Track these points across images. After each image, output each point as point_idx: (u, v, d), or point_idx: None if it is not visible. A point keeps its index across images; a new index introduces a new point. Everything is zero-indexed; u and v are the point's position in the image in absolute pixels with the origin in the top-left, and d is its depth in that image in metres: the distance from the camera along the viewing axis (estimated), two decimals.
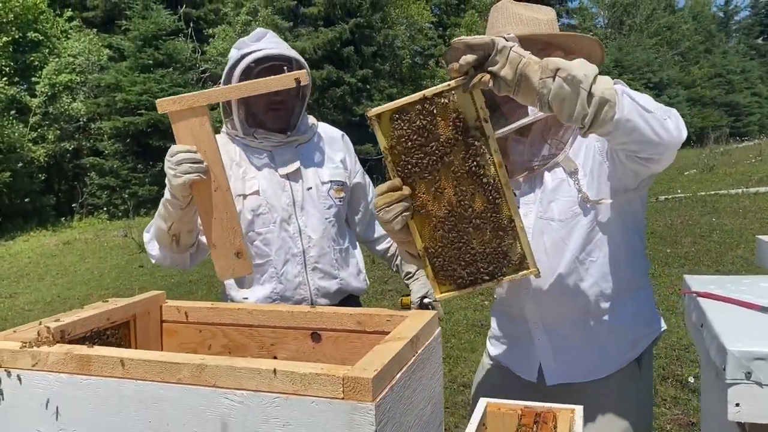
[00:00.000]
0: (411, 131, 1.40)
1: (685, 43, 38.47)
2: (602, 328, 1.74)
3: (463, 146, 1.40)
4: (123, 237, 12.73)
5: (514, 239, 1.45)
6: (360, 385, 1.11)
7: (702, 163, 15.53)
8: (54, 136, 17.96)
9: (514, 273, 1.47)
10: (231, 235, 1.70)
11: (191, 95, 1.67)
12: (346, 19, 18.96)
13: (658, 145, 1.36)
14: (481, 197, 1.43)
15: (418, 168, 1.42)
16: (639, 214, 1.77)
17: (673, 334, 4.80)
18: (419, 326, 1.41)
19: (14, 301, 8.16)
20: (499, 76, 1.29)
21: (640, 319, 1.78)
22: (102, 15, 21.95)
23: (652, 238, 8.25)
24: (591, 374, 1.76)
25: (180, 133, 1.69)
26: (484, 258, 1.47)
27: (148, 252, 2.01)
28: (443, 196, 1.44)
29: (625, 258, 1.72)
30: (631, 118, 1.29)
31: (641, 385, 1.80)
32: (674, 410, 3.61)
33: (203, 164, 1.68)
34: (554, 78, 1.25)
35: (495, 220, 1.44)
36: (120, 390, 1.26)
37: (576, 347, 1.76)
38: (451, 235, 1.46)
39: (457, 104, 1.37)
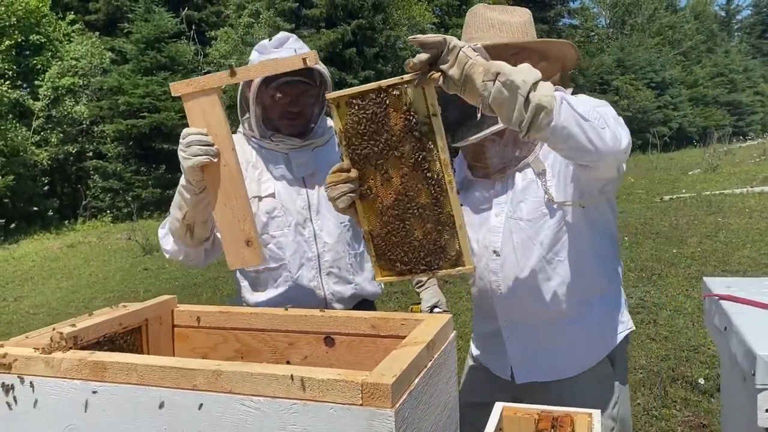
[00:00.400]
0: (364, 117, 1.45)
1: (687, 43, 38.43)
2: (571, 328, 1.78)
3: (412, 139, 1.44)
4: (127, 240, 12.72)
5: (452, 235, 1.49)
6: (379, 392, 1.10)
7: (706, 162, 15.52)
8: (57, 139, 17.96)
9: (450, 268, 1.52)
10: (241, 222, 1.68)
11: (203, 77, 1.67)
12: (347, 20, 18.94)
13: (592, 153, 1.40)
14: (425, 191, 1.47)
15: (368, 154, 1.47)
16: (608, 217, 1.81)
17: (681, 335, 4.78)
18: (435, 330, 1.40)
19: (19, 304, 8.16)
20: (447, 75, 1.33)
21: (608, 319, 1.82)
22: (104, 18, 21.96)
23: (658, 238, 8.23)
24: (561, 373, 1.79)
25: (192, 116, 1.68)
26: (423, 249, 1.51)
27: (162, 247, 1.99)
28: (391, 184, 1.48)
29: (594, 260, 1.77)
30: (567, 125, 1.33)
31: (615, 384, 1.82)
32: (685, 412, 3.59)
33: (213, 147, 1.66)
34: (494, 82, 1.28)
35: (436, 215, 1.48)
36: (135, 396, 1.25)
37: (545, 346, 1.79)
38: (395, 222, 1.51)
39: (410, 98, 1.41)
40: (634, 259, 7.25)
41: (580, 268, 1.75)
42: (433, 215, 1.48)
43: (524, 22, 1.77)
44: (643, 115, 30.35)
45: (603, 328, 1.80)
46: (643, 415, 3.61)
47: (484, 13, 1.76)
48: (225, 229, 1.70)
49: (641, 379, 4.10)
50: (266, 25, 18.58)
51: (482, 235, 1.82)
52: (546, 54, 1.73)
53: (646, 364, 4.34)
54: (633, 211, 10.48)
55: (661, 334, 4.87)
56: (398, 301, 5.95)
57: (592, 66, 30.54)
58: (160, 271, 9.30)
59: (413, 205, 1.48)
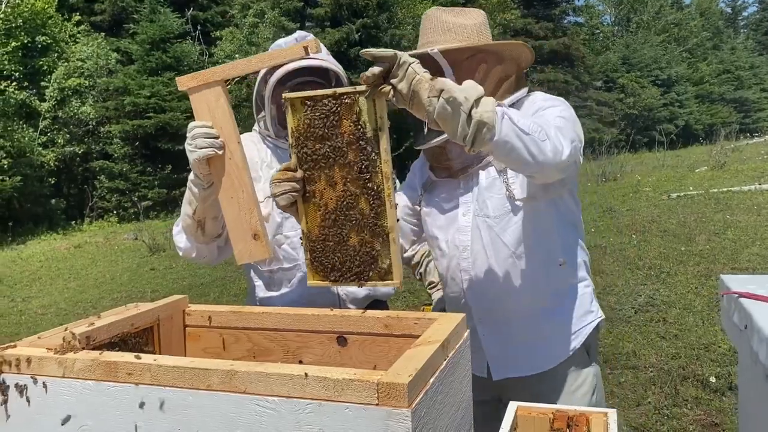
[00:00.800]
0: (315, 120, 1.48)
1: (693, 40, 38.31)
2: (544, 320, 1.81)
3: (357, 148, 1.47)
4: (133, 240, 12.76)
5: (385, 248, 1.51)
6: (395, 391, 1.09)
7: (713, 160, 15.44)
8: (63, 140, 18.03)
9: (378, 280, 1.54)
10: (248, 215, 1.67)
11: (207, 71, 1.67)
12: (352, 19, 18.94)
13: (532, 165, 1.45)
14: (365, 201, 1.50)
15: (315, 156, 1.50)
16: (572, 207, 1.84)
17: (691, 333, 4.76)
18: (449, 329, 1.39)
19: (27, 305, 8.19)
20: (396, 90, 1.38)
21: (580, 309, 1.84)
22: (109, 19, 22.01)
23: (666, 236, 8.19)
24: (538, 366, 1.82)
25: (197, 109, 1.68)
26: (357, 258, 1.53)
27: (176, 245, 1.98)
28: (333, 190, 1.51)
29: (562, 251, 1.80)
30: (509, 139, 1.38)
31: (592, 371, 1.87)
32: (696, 410, 3.56)
33: (218, 139, 1.66)
34: (439, 98, 1.34)
35: (373, 226, 1.50)
36: (148, 397, 1.24)
37: (521, 341, 1.82)
38: (333, 227, 1.53)
39: (361, 108, 1.45)
40: (642, 257, 7.22)
41: (550, 260, 1.78)
42: (369, 226, 1.50)
43: (479, 24, 1.80)
44: (649, 113, 30.27)
45: (575, 319, 1.83)
46: (654, 414, 3.59)
47: (439, 17, 1.79)
48: (231, 223, 1.69)
49: (651, 378, 4.07)
50: (271, 25, 18.60)
51: (451, 234, 1.84)
52: (501, 55, 1.76)
53: (656, 362, 4.32)
54: (640, 208, 10.44)
55: (671, 332, 4.85)
56: (405, 300, 5.94)
57: (597, 64, 30.46)
58: (167, 271, 9.32)
59: (352, 213, 1.51)
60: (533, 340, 1.82)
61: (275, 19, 18.88)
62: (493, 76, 1.74)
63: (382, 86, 1.38)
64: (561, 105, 1.73)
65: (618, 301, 5.72)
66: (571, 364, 1.83)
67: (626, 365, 4.31)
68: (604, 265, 7.07)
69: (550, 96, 1.80)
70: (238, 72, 1.68)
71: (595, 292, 1.93)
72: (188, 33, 19.94)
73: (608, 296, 5.90)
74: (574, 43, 28.14)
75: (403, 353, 1.31)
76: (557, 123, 1.59)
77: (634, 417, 3.58)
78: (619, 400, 3.80)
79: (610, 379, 4.11)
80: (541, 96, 1.80)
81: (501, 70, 1.75)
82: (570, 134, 1.58)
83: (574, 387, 1.83)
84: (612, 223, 9.43)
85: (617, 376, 4.15)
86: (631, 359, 4.41)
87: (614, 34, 39.28)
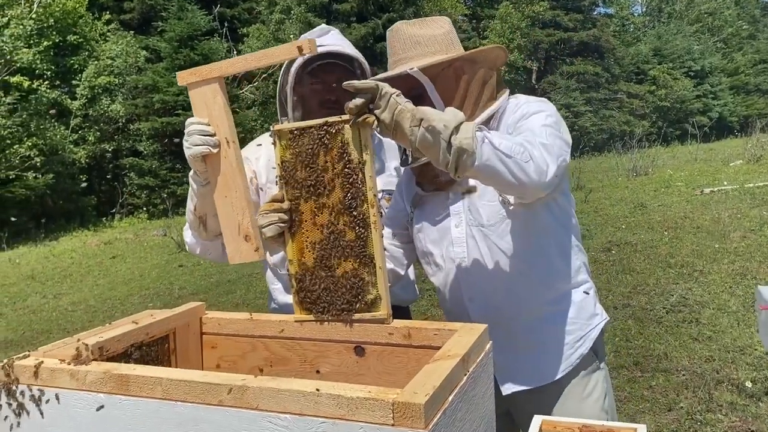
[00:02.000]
0: (302, 151, 1.50)
1: (728, 29, 37.42)
2: (547, 328, 1.77)
3: (343, 177, 1.48)
4: (162, 236, 12.92)
5: (372, 277, 1.49)
6: (411, 411, 1.04)
7: (748, 153, 15.04)
8: (94, 137, 18.33)
9: (365, 312, 1.51)
10: (239, 216, 1.64)
11: (206, 66, 1.65)
12: (378, 14, 18.91)
13: (516, 187, 1.47)
14: (351, 229, 1.49)
15: (302, 186, 1.51)
16: (565, 208, 1.81)
17: (725, 335, 4.62)
18: (470, 342, 1.33)
19: (58, 301, 8.33)
20: (380, 120, 1.40)
21: (584, 313, 1.80)
22: (138, 17, 22.28)
23: (699, 233, 7.99)
24: (545, 378, 1.78)
25: (196, 105, 1.66)
26: (343, 288, 1.51)
27: (184, 240, 1.97)
28: (320, 220, 1.51)
29: (560, 255, 1.78)
30: (491, 164, 1.41)
31: (602, 374, 1.84)
32: (731, 416, 3.45)
33: (214, 137, 1.63)
34: (419, 127, 1.36)
35: (360, 255, 1.49)
36: (159, 411, 1.21)
37: (524, 351, 1.78)
38: (320, 257, 1.52)
39: (346, 138, 1.46)
40: (674, 255, 7.05)
41: (549, 265, 1.76)
42: (356, 255, 1.49)
43: (446, 32, 1.78)
44: (681, 105, 29.68)
45: (580, 323, 1.80)
46: (686, 420, 3.48)
47: (406, 31, 1.77)
48: (224, 223, 1.67)
49: (684, 381, 3.96)
50: (298, 21, 18.65)
51: (445, 248, 1.81)
52: (477, 61, 1.75)
53: (688, 365, 4.20)
54: (672, 204, 10.22)
55: (704, 333, 4.71)
56: (430, 299, 5.88)
57: (628, 56, 29.94)
58: (195, 267, 9.40)
59: (338, 242, 1.50)
60: (539, 349, 1.78)
61: (301, 15, 18.92)
62: (474, 84, 1.73)
63: (366, 116, 1.40)
64: (546, 109, 1.70)
65: (649, 301, 5.59)
66: (580, 371, 1.80)
67: (657, 368, 4.20)
68: (635, 263, 6.92)
69: (534, 99, 1.78)
70: (236, 69, 1.66)
71: (597, 293, 1.90)
72: (215, 30, 20.08)
73: (639, 296, 5.77)
74: (604, 35, 27.72)
75: (422, 365, 1.26)
76: (542, 137, 1.57)
77: (666, 422, 3.48)
78: (649, 405, 3.70)
79: (641, 382, 4.01)
80: (524, 99, 1.78)
81: (480, 76, 1.74)
82: (556, 150, 1.57)
83: (585, 394, 1.80)
84: (643, 220, 9.24)
85: (648, 379, 4.05)
86: (663, 362, 4.29)
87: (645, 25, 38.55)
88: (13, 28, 16.46)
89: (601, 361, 1.86)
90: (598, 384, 1.82)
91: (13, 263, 11.93)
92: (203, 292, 7.74)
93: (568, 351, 1.77)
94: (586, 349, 1.79)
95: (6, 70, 16.31)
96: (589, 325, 1.81)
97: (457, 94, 1.71)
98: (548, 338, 1.78)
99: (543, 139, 1.56)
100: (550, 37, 27.10)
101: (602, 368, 1.85)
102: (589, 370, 1.81)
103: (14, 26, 16.50)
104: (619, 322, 5.08)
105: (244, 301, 7.02)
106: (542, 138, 1.57)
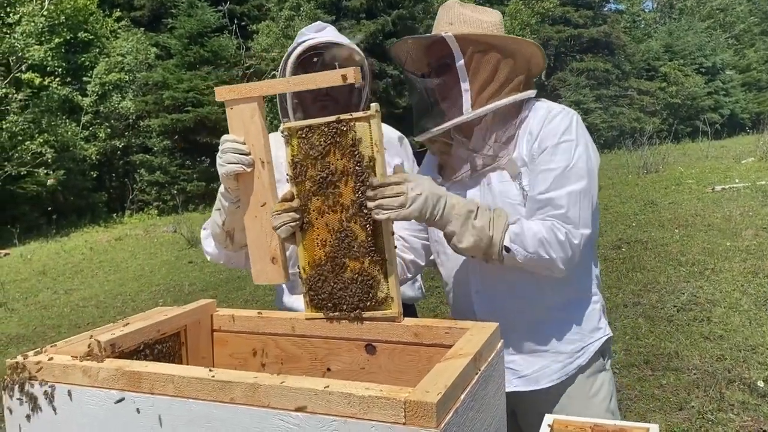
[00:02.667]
0: (311, 148, 1.50)
1: (740, 26, 37.08)
2: (551, 332, 1.76)
3: (354, 175, 1.48)
4: (172, 233, 12.96)
5: (383, 275, 1.50)
6: (423, 410, 1.04)
7: (760, 150, 14.88)
8: (105, 134, 18.41)
9: (375, 309, 1.51)
10: (269, 237, 1.64)
11: (246, 85, 1.64)
12: (388, 11, 18.85)
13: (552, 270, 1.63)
14: (362, 227, 1.49)
15: (313, 185, 1.51)
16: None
17: (737, 334, 4.59)
18: (482, 341, 1.33)
19: (69, 297, 8.38)
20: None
21: (588, 324, 1.79)
22: (149, 14, 22.34)
23: (710, 230, 7.93)
24: (540, 382, 1.77)
25: (232, 123, 1.66)
26: (353, 286, 1.51)
27: (204, 248, 1.97)
28: (330, 218, 1.51)
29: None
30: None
31: (608, 375, 1.84)
32: (743, 416, 3.42)
33: (248, 156, 1.63)
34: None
35: (371, 253, 1.49)
36: (171, 409, 1.22)
37: (526, 352, 1.78)
38: (331, 256, 1.52)
39: (357, 135, 1.47)
40: (685, 253, 7.00)
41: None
42: (367, 253, 1.49)
43: (495, 22, 1.78)
44: (692, 102, 29.44)
45: (583, 334, 1.78)
46: (698, 419, 3.46)
47: (457, 9, 1.77)
48: (252, 242, 1.66)
49: (695, 380, 3.94)
50: (307, 18, 18.62)
51: None
52: (512, 53, 1.73)
53: (699, 364, 4.17)
54: (683, 202, 10.15)
55: (715, 332, 4.68)
56: (440, 297, 5.87)
57: (638, 52, 29.73)
58: (205, 264, 9.42)
59: (349, 240, 1.50)
60: (540, 351, 1.77)
61: (311, 11, 18.88)
62: (502, 71, 1.71)
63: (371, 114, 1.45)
64: (578, 147, 1.66)
65: (660, 299, 5.56)
66: (586, 369, 1.79)
67: (668, 367, 4.17)
68: (646, 260, 6.88)
69: (559, 114, 1.71)
70: (276, 91, 1.66)
71: (605, 309, 1.88)
72: (225, 27, 20.10)
73: (649, 293, 5.73)
74: (615, 31, 27.53)
75: (433, 363, 1.26)
76: (570, 210, 1.61)
77: (677, 422, 3.46)
78: (660, 404, 3.68)
79: (651, 381, 3.99)
80: (556, 110, 1.73)
81: (512, 68, 1.72)
82: (583, 222, 1.62)
83: (591, 393, 1.79)
84: (654, 217, 9.18)
85: (658, 378, 4.02)
86: (673, 360, 4.27)
87: (656, 21, 38.28)
88: (25, 25, 16.56)
89: (607, 362, 1.85)
90: (604, 385, 1.81)
91: (24, 259, 12.01)
92: (213, 288, 7.77)
93: (566, 360, 1.76)
94: (584, 361, 1.77)
95: (18, 67, 16.41)
96: (591, 337, 1.79)
97: (482, 74, 1.70)
98: (550, 342, 1.77)
99: (568, 216, 1.60)
100: (560, 34, 26.91)
101: (608, 369, 1.85)
102: (595, 369, 1.80)
103: (26, 23, 16.61)
104: (630, 320, 5.05)
105: (254, 298, 7.03)
106: (569, 212, 1.60)
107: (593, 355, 1.78)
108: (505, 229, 1.57)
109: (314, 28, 2.04)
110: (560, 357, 1.76)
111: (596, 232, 1.82)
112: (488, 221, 1.56)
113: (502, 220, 1.57)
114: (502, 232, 1.56)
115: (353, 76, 1.58)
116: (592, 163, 1.68)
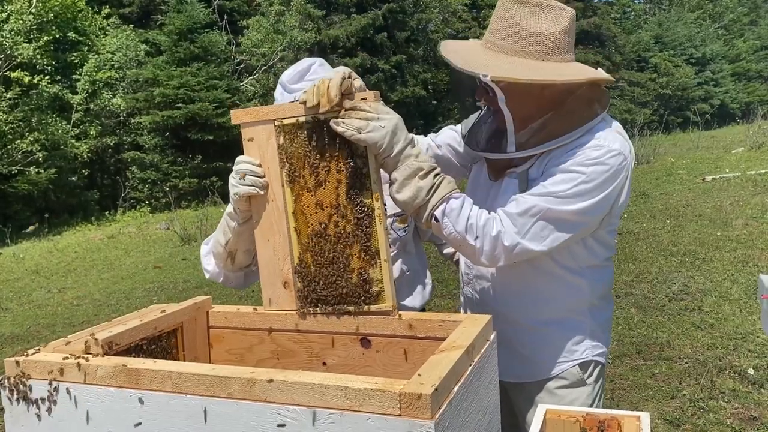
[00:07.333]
0: (305, 140, 1.51)
1: (729, 16, 37.21)
2: (553, 332, 1.77)
3: (349, 168, 1.49)
4: (165, 230, 12.92)
5: (377, 270, 1.51)
6: (418, 402, 1.06)
7: (750, 140, 15.00)
8: (96, 131, 18.30)
9: (369, 304, 1.52)
10: (281, 262, 1.61)
11: (263, 108, 1.62)
12: (378, 5, 18.83)
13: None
14: (357, 221, 1.50)
15: (306, 179, 1.52)
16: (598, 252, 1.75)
17: (728, 322, 4.64)
18: (475, 333, 1.35)
19: (63, 296, 8.36)
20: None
21: (595, 336, 1.79)
22: (138, 11, 22.20)
23: (700, 220, 8.00)
24: (536, 375, 1.79)
25: (247, 145, 1.64)
26: (346, 280, 1.52)
27: (203, 266, 1.93)
28: (324, 212, 1.52)
29: (587, 269, 1.74)
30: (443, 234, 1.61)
31: (587, 390, 1.82)
32: (734, 403, 3.47)
33: (263, 179, 1.60)
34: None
35: (365, 247, 1.50)
36: (169, 404, 1.23)
37: (525, 346, 1.79)
38: (324, 249, 1.53)
39: None
40: (676, 243, 7.06)
41: (573, 274, 1.73)
42: (361, 247, 1.50)
43: (558, 32, 1.59)
44: (682, 93, 29.57)
45: (586, 339, 1.78)
46: (689, 407, 3.50)
47: (515, 15, 1.59)
48: (264, 266, 1.64)
49: (686, 369, 3.98)
50: (297, 13, 18.58)
51: None
52: (560, 91, 1.61)
53: (691, 353, 4.22)
54: (674, 192, 10.21)
55: (706, 321, 4.73)
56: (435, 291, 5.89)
57: (629, 43, 29.79)
58: (198, 261, 9.39)
59: (343, 235, 1.51)
60: (539, 348, 1.79)
61: (301, 6, 18.84)
62: (551, 115, 1.61)
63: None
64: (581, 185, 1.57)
65: (651, 289, 5.61)
66: (583, 370, 1.80)
67: (660, 356, 4.22)
68: (637, 251, 6.93)
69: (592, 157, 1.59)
70: (293, 114, 1.61)
71: (610, 321, 1.88)
72: (215, 23, 20.00)
73: (641, 284, 5.78)
74: (605, 23, 27.55)
75: (427, 356, 1.28)
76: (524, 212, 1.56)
77: (669, 410, 3.50)
78: (652, 392, 3.73)
79: (644, 370, 4.03)
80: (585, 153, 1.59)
81: (561, 106, 1.61)
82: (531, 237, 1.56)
83: (587, 390, 1.80)
84: (645, 208, 9.24)
85: (650, 367, 4.07)
86: (665, 350, 4.32)
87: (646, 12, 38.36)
88: (13, 23, 16.41)
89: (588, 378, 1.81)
90: (578, 399, 1.79)
91: (17, 258, 11.95)
92: (207, 285, 7.76)
93: (564, 358, 1.78)
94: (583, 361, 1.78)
95: (6, 65, 16.29)
96: (593, 349, 1.79)
97: (525, 115, 1.62)
98: (551, 341, 1.78)
99: (517, 220, 1.56)
100: None
101: (588, 384, 1.80)
102: (576, 383, 1.79)
103: (14, 21, 16.45)
104: (622, 310, 5.09)
105: (248, 294, 7.03)
106: (521, 217, 1.56)
107: (570, 369, 1.78)
108: (443, 200, 1.54)
109: (296, 78, 1.94)
110: (557, 355, 1.78)
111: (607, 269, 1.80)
112: (432, 186, 1.53)
113: (445, 190, 1.54)
114: (439, 200, 1.53)
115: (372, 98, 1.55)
116: (589, 216, 1.61)
